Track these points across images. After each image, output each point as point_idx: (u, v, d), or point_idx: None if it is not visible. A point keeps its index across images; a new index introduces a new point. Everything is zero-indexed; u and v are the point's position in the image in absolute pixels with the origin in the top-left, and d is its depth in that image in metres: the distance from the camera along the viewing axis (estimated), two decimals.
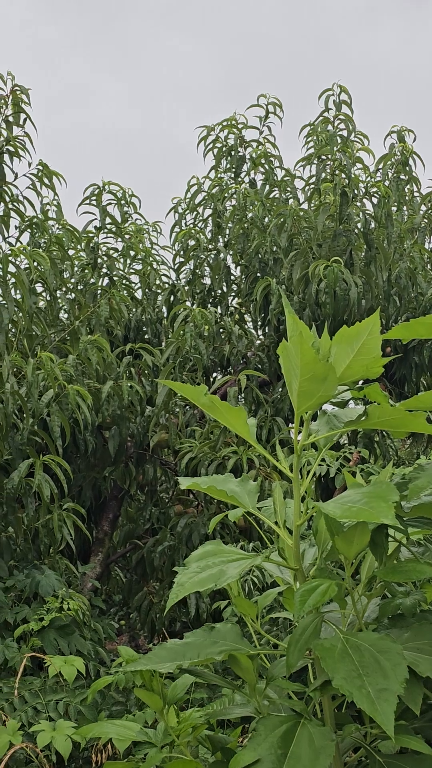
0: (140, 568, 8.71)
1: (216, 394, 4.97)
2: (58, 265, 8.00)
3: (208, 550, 2.91)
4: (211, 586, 2.68)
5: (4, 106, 7.49)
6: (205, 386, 2.88)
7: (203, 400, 2.89)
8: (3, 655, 6.06)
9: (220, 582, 2.69)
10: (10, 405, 6.41)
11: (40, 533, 6.78)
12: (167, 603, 2.73)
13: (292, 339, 2.57)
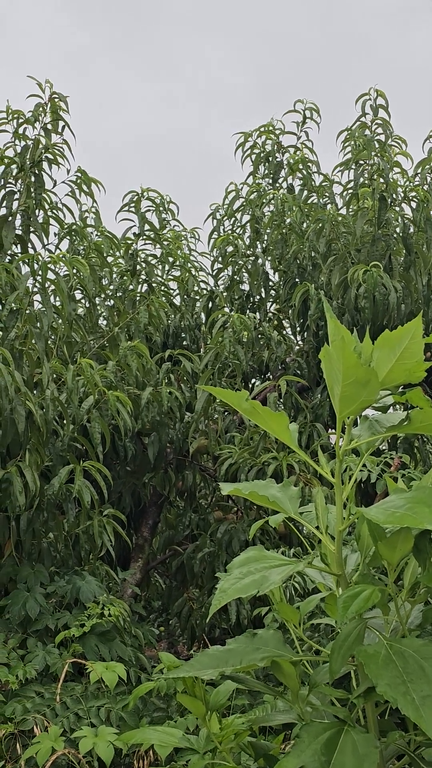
0: (180, 574, 8.71)
1: (255, 400, 4.99)
2: (97, 272, 8.03)
3: (251, 556, 2.90)
4: (253, 592, 2.67)
5: (42, 114, 7.53)
6: (246, 392, 2.87)
7: (245, 405, 2.88)
8: (44, 661, 6.07)
9: (263, 588, 2.68)
10: (51, 411, 6.43)
11: (81, 539, 6.80)
12: (210, 609, 2.72)
13: (334, 344, 2.56)
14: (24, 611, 6.34)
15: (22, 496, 6.12)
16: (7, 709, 5.66)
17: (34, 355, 6.62)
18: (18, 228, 7.59)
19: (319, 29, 38.93)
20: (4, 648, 6.12)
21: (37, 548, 6.89)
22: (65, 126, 7.58)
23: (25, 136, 7.63)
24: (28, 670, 5.90)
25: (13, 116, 7.62)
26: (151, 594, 10.12)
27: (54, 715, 5.62)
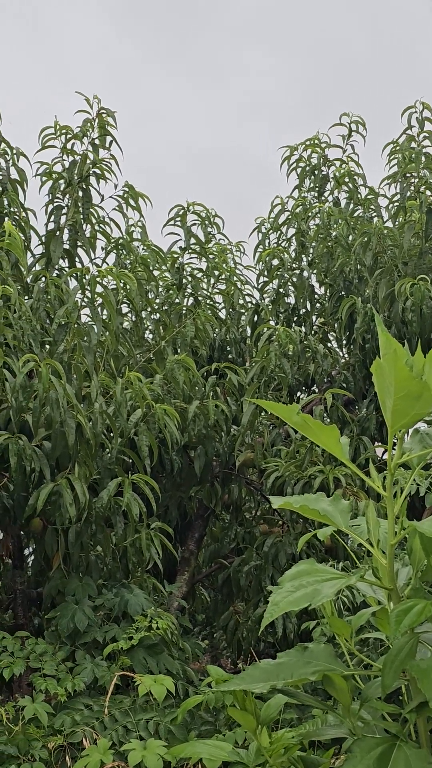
0: (226, 587, 8.70)
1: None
2: (144, 286, 8.07)
3: (302, 569, 2.90)
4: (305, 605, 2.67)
5: (90, 129, 7.60)
6: (296, 405, 2.87)
7: (295, 418, 2.88)
8: (93, 673, 6.10)
9: (315, 601, 2.67)
10: (99, 424, 6.46)
11: (128, 552, 6.82)
12: (262, 622, 2.72)
13: (386, 357, 2.56)
14: (72, 624, 6.37)
15: (72, 508, 6.16)
16: (56, 721, 5.69)
17: (82, 368, 6.67)
18: (66, 242, 7.66)
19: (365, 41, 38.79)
20: (53, 660, 6.15)
21: (85, 561, 6.92)
22: (113, 141, 7.65)
23: (73, 151, 7.70)
24: (76, 683, 5.93)
25: (61, 132, 7.70)
26: (196, 607, 10.12)
27: (103, 728, 5.64)
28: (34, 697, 5.86)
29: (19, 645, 6.29)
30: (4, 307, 6.05)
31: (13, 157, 7.59)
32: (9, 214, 7.37)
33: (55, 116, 7.69)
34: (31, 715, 5.66)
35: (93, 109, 7.64)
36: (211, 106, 43.79)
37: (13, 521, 6.89)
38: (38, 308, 6.79)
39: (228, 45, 46.64)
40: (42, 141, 7.75)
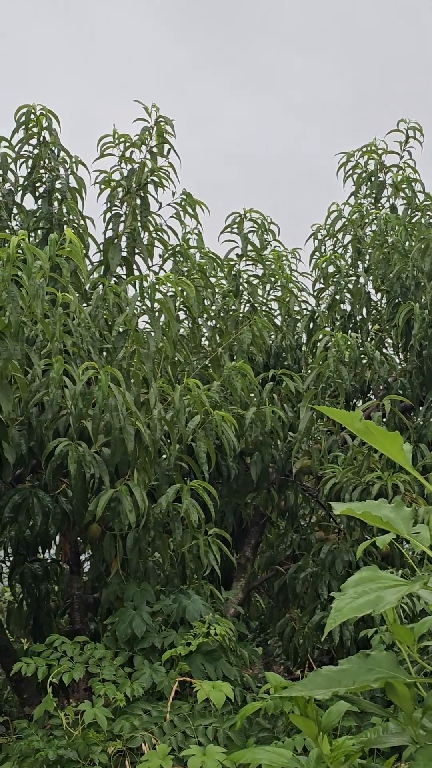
0: (282, 594, 8.70)
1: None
2: (200, 293, 8.10)
3: (365, 576, 2.90)
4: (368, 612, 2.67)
5: (149, 138, 7.65)
6: (359, 412, 2.87)
7: (358, 425, 2.88)
8: (151, 679, 6.12)
9: (378, 608, 2.67)
10: (158, 431, 6.50)
11: (186, 558, 6.84)
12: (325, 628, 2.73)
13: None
14: (130, 629, 6.40)
15: (131, 514, 6.19)
16: (115, 726, 5.72)
17: (140, 375, 6.71)
18: (124, 250, 7.72)
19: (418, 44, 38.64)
20: (112, 665, 6.18)
21: (142, 567, 6.95)
22: (171, 149, 7.70)
23: (132, 159, 7.76)
24: (135, 688, 5.95)
25: (119, 140, 7.76)
26: (250, 614, 10.12)
27: (162, 733, 5.67)
28: (94, 701, 5.89)
29: (78, 650, 6.33)
30: (63, 314, 6.10)
31: (71, 165, 7.67)
32: (68, 222, 7.43)
33: (113, 125, 7.76)
34: (91, 720, 5.70)
35: (151, 117, 7.70)
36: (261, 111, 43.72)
37: (72, 527, 6.95)
38: (97, 315, 6.84)
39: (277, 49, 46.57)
40: (100, 149, 7.82)
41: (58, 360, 6.19)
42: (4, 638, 7.16)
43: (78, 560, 7.45)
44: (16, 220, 7.64)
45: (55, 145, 7.59)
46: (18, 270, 5.55)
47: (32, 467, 6.95)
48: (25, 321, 5.99)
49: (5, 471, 6.37)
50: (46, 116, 7.58)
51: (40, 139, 7.62)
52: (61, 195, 7.49)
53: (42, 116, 7.58)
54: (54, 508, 6.68)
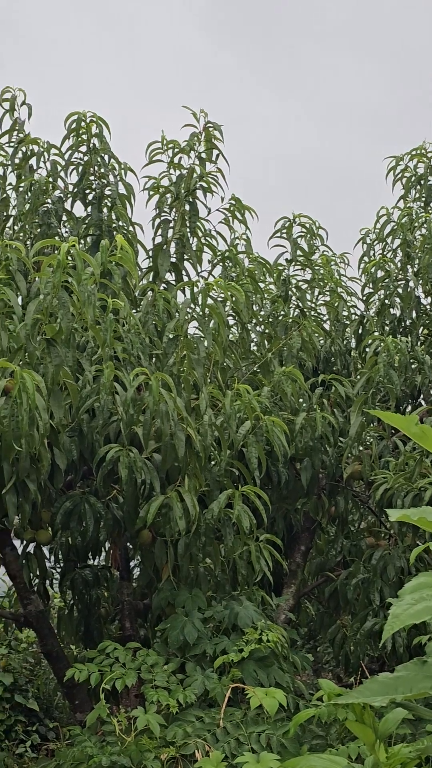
0: (333, 600, 8.65)
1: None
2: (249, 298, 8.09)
3: (423, 582, 2.86)
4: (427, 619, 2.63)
5: (197, 143, 7.65)
6: (415, 416, 2.84)
7: (414, 429, 2.85)
8: (203, 685, 6.11)
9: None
10: (209, 437, 6.48)
11: (238, 564, 6.82)
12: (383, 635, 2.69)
13: None
14: (182, 636, 6.39)
15: (182, 520, 6.18)
16: (168, 732, 5.71)
17: (190, 380, 6.71)
18: (173, 256, 7.72)
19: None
20: (164, 672, 6.17)
21: (194, 573, 6.94)
22: (219, 154, 7.70)
23: (180, 165, 7.77)
24: (188, 695, 5.94)
25: (167, 146, 7.77)
26: (300, 620, 10.08)
27: (214, 740, 5.65)
28: (146, 708, 5.89)
29: (130, 656, 6.33)
30: (113, 320, 6.11)
31: (120, 172, 7.69)
32: (118, 229, 7.45)
33: (161, 131, 7.78)
34: (144, 726, 5.69)
35: (200, 122, 7.71)
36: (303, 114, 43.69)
37: (122, 533, 6.96)
38: (147, 321, 6.85)
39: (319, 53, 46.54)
40: (149, 155, 7.84)
41: (109, 366, 6.20)
42: (56, 644, 7.18)
43: (128, 566, 7.46)
44: (66, 227, 7.68)
45: (104, 151, 7.62)
46: (68, 276, 5.57)
47: (83, 473, 6.97)
48: (75, 327, 6.01)
49: (57, 477, 6.40)
50: (96, 123, 7.62)
51: (89, 146, 7.65)
52: (110, 201, 7.51)
53: (92, 123, 7.61)
54: (105, 514, 6.70)
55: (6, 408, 5.32)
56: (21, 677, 9.24)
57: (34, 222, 7.54)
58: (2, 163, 7.91)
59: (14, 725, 8.90)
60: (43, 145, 7.82)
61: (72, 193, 7.73)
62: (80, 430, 6.57)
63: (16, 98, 7.98)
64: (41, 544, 7.06)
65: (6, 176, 7.95)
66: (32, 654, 9.91)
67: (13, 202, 7.87)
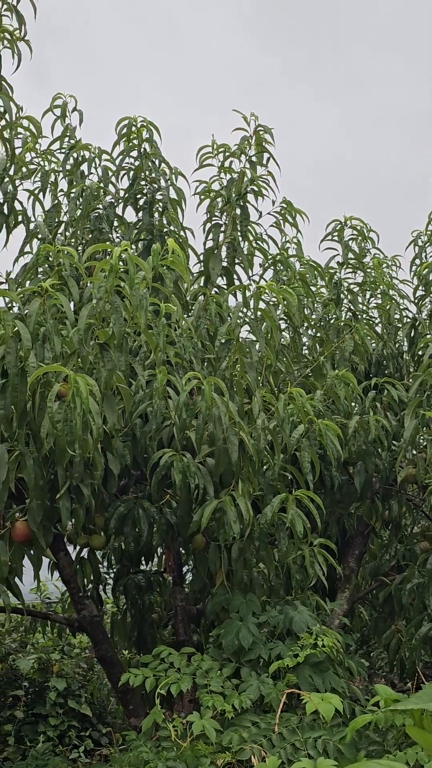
0: (388, 605, 8.59)
1: None
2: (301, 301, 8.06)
3: None
4: None
5: (248, 147, 7.65)
6: None
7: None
8: (258, 690, 6.07)
9: None
10: (262, 441, 6.46)
11: (292, 569, 6.78)
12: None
13: None
14: (237, 641, 6.36)
15: (236, 525, 6.16)
16: (224, 738, 5.69)
17: (242, 384, 6.69)
18: (224, 260, 7.71)
19: None
20: (219, 677, 6.15)
21: (248, 578, 6.91)
22: (270, 158, 7.68)
23: (231, 169, 7.77)
24: (243, 700, 5.91)
25: (218, 150, 7.77)
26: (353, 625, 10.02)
27: (270, 746, 5.61)
28: (201, 713, 5.87)
29: (185, 661, 6.31)
30: (166, 325, 6.10)
31: (171, 176, 7.71)
32: (169, 233, 7.46)
33: (212, 135, 7.78)
34: (200, 731, 5.67)
35: (250, 126, 7.70)
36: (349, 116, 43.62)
37: (175, 538, 6.95)
38: (199, 326, 6.84)
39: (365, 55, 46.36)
40: (200, 160, 7.85)
41: (162, 371, 6.20)
42: (110, 649, 7.19)
43: (181, 571, 7.45)
44: (118, 232, 7.70)
45: (155, 156, 7.65)
46: (121, 281, 5.58)
47: (136, 478, 6.97)
48: (128, 332, 6.01)
49: (110, 482, 6.41)
50: (147, 128, 7.65)
51: (140, 151, 7.68)
52: (161, 206, 7.53)
53: (142, 128, 7.65)
54: (158, 519, 6.69)
55: (60, 413, 5.33)
56: (74, 682, 9.28)
57: (86, 228, 7.57)
58: (54, 170, 7.97)
59: (68, 730, 8.95)
60: (94, 151, 7.87)
61: (123, 199, 7.77)
62: (133, 434, 6.58)
63: (67, 104, 8.04)
64: (95, 549, 7.06)
65: (57, 182, 8.01)
66: (85, 659, 9.95)
67: (64, 208, 7.93)
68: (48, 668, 9.27)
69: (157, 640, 7.75)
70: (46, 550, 6.27)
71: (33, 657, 9.33)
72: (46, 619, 8.03)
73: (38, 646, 9.70)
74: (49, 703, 8.91)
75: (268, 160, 7.74)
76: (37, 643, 9.82)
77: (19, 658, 9.40)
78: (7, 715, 8.94)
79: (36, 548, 6.21)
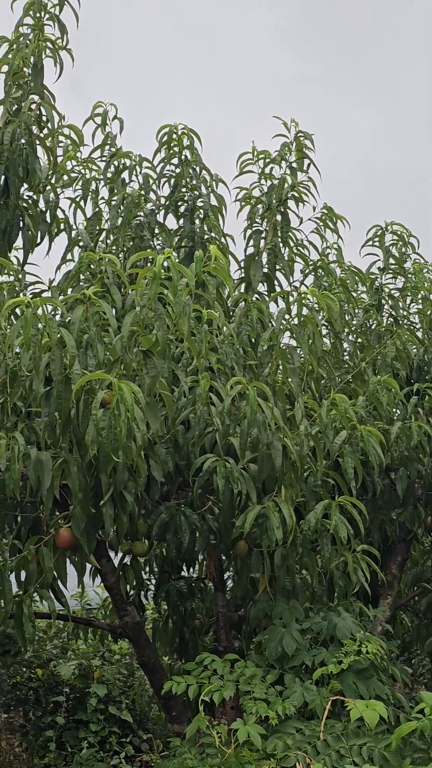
0: (430, 612, 8.56)
1: None
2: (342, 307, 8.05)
3: None
4: None
5: (288, 153, 7.66)
6: None
7: None
8: (302, 697, 6.06)
9: None
10: (305, 447, 6.45)
11: (335, 575, 6.76)
12: None
13: None
14: (281, 647, 6.35)
15: (279, 531, 6.16)
16: (268, 745, 5.67)
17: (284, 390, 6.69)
18: (265, 266, 7.72)
19: None
20: (263, 684, 6.14)
21: (290, 584, 6.90)
22: (310, 164, 7.69)
23: (271, 175, 7.78)
24: (287, 707, 5.90)
25: (258, 157, 7.79)
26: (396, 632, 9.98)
27: (315, 753, 5.59)
28: (245, 719, 5.86)
29: (228, 668, 6.31)
30: (208, 331, 6.11)
31: (212, 184, 7.73)
32: (210, 240, 7.48)
33: (252, 142, 7.81)
34: (245, 738, 5.66)
35: (290, 132, 7.71)
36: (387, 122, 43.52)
37: (217, 544, 6.95)
38: (240, 332, 6.84)
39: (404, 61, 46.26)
40: (240, 166, 7.88)
41: (205, 377, 6.21)
42: (153, 656, 7.20)
43: (222, 578, 7.45)
44: (159, 239, 7.73)
45: (196, 163, 7.68)
46: (164, 288, 5.59)
47: (179, 485, 6.98)
48: (170, 338, 6.03)
49: (153, 489, 6.42)
50: (188, 135, 7.68)
51: (181, 158, 7.72)
52: (203, 213, 7.55)
53: (183, 135, 7.68)
54: (201, 526, 6.70)
55: (104, 420, 5.35)
56: (114, 688, 9.29)
57: (127, 235, 7.60)
58: (95, 178, 8.02)
59: (108, 736, 8.95)
60: (135, 159, 7.91)
61: (164, 206, 7.79)
62: (175, 441, 6.59)
63: (108, 113, 8.09)
64: (138, 555, 7.09)
65: (98, 190, 8.06)
66: (125, 665, 9.96)
67: (105, 215, 7.97)
68: (89, 674, 9.28)
69: (199, 647, 7.75)
70: (90, 556, 6.29)
71: (74, 663, 9.34)
72: (89, 626, 8.06)
73: (79, 653, 9.72)
74: (89, 709, 8.92)
75: (309, 166, 7.74)
76: (78, 650, 9.84)
77: (59, 664, 9.42)
78: (49, 720, 8.96)
79: (80, 555, 6.24)
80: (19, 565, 6.11)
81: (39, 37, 6.64)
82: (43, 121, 6.64)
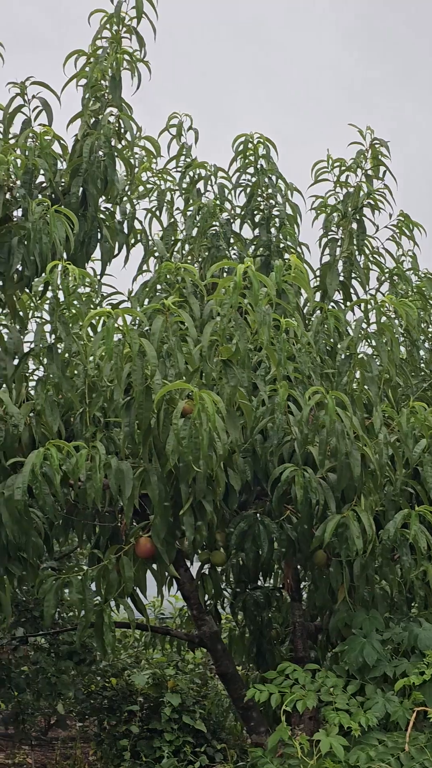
0: None
1: None
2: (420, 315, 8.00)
3: None
4: None
5: (363, 161, 7.64)
6: None
7: None
8: (384, 708, 6.00)
9: None
10: (384, 456, 6.41)
11: (415, 585, 6.70)
12: None
13: None
14: (361, 658, 6.30)
15: (359, 540, 6.12)
16: (351, 756, 5.63)
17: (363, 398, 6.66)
18: (340, 274, 7.70)
19: None
20: (344, 694, 6.10)
21: (370, 594, 6.85)
22: (386, 171, 7.66)
23: (347, 183, 7.76)
24: (369, 718, 5.85)
25: (333, 165, 7.78)
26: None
27: (399, 765, 5.54)
28: (328, 730, 5.82)
29: (309, 678, 6.28)
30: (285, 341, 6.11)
31: (286, 193, 7.73)
32: (286, 249, 7.48)
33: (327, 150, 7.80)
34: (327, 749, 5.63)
35: (366, 140, 7.69)
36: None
37: (295, 554, 6.92)
38: (317, 340, 6.82)
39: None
40: (314, 175, 7.87)
41: (283, 386, 6.20)
42: (231, 665, 7.18)
43: (299, 588, 7.42)
44: (234, 249, 7.74)
45: (272, 172, 7.69)
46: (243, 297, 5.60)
47: (257, 494, 6.98)
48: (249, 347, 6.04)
49: (231, 498, 6.42)
50: (263, 144, 7.69)
51: (257, 167, 7.73)
52: (278, 222, 7.56)
53: (259, 144, 7.70)
54: (279, 535, 6.68)
55: (185, 429, 5.36)
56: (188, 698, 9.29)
57: (203, 245, 7.62)
58: (170, 188, 8.06)
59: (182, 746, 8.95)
60: (210, 169, 7.94)
61: (240, 215, 7.80)
62: (253, 450, 6.58)
63: (183, 123, 8.13)
64: (216, 565, 7.09)
65: (174, 201, 8.10)
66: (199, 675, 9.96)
67: (180, 226, 8.00)
68: (162, 684, 9.30)
69: (276, 657, 7.73)
70: (170, 565, 6.31)
71: (147, 672, 9.36)
72: (166, 635, 8.07)
73: (152, 662, 9.75)
74: (164, 719, 8.93)
75: (385, 174, 7.72)
76: (152, 659, 9.87)
77: (133, 673, 9.45)
78: (123, 730, 8.99)
79: (159, 564, 6.25)
80: (100, 574, 6.14)
81: (117, 49, 6.68)
82: (121, 132, 6.68)
